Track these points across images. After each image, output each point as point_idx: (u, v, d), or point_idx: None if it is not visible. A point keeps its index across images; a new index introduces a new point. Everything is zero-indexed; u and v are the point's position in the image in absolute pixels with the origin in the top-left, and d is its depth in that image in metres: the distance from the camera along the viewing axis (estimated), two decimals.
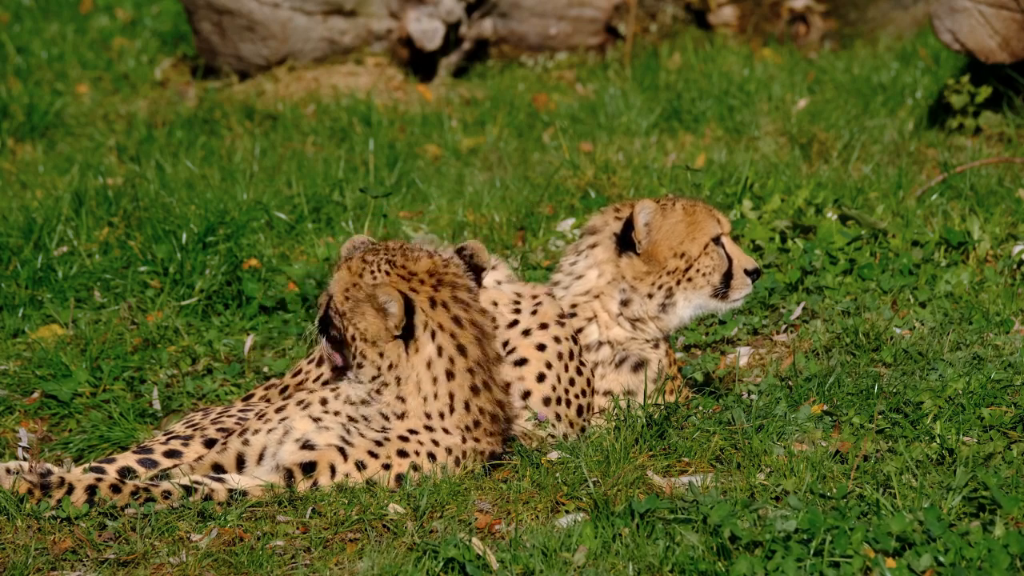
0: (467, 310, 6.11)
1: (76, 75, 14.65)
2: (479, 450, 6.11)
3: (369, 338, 6.07)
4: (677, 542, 5.31)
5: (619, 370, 6.59)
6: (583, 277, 6.66)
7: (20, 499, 5.83)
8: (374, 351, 6.08)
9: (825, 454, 5.96)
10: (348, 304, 6.11)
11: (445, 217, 9.61)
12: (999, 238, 8.61)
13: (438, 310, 6.05)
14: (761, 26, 14.84)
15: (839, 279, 8.40)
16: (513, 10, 14.64)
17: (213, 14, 13.93)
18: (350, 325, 6.10)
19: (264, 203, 9.66)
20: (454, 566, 5.29)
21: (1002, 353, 7.03)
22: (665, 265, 6.58)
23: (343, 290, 6.13)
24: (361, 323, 6.08)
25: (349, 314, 6.10)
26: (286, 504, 5.86)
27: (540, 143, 12.31)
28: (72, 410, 7.76)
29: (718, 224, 6.66)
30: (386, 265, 6.11)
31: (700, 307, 6.65)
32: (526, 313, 6.49)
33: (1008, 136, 11.35)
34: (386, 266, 6.11)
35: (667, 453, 6.11)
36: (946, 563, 5.11)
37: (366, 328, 6.07)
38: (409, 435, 6.03)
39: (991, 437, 6.09)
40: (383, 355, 6.06)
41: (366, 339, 6.07)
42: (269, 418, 6.10)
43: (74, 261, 8.95)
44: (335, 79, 14.01)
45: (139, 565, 5.53)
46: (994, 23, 11.12)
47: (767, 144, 11.64)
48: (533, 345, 6.43)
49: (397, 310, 6.00)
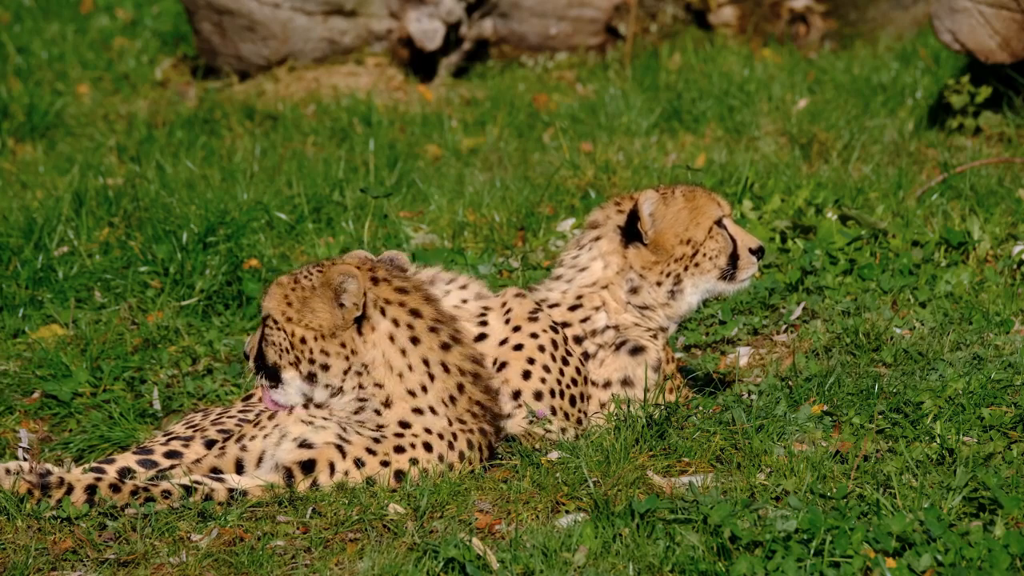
0: (406, 281, 6.13)
1: (76, 75, 14.66)
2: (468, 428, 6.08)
3: (326, 332, 6.00)
4: (677, 542, 5.31)
5: (618, 353, 6.62)
6: (587, 269, 6.70)
7: (20, 499, 5.83)
8: (334, 344, 6.01)
9: (825, 454, 5.96)
10: (293, 309, 6.00)
11: (445, 217, 9.61)
12: (999, 238, 8.61)
13: (381, 286, 6.05)
14: (761, 26, 14.85)
15: (839, 279, 8.40)
16: (513, 10, 14.64)
17: (213, 14, 13.94)
18: (299, 328, 6.00)
19: (264, 203, 9.67)
20: (454, 566, 5.29)
21: (1002, 353, 7.03)
22: (672, 252, 6.64)
23: (282, 298, 6.03)
24: (314, 320, 6.00)
25: (296, 317, 6.00)
26: (286, 504, 5.86)
27: (540, 143, 12.32)
28: (72, 410, 7.77)
29: (719, 207, 6.71)
30: (315, 268, 6.09)
31: (708, 291, 6.70)
32: (498, 323, 6.51)
33: (1008, 136, 11.35)
34: (315, 269, 6.08)
35: (667, 453, 6.11)
36: (946, 563, 5.11)
37: (320, 324, 5.99)
38: (403, 430, 6.01)
39: (991, 437, 6.09)
40: (344, 344, 6.01)
41: (323, 335, 5.99)
42: (264, 424, 6.10)
43: (74, 261, 8.95)
44: (335, 79, 14.01)
45: (139, 565, 5.53)
46: (994, 23, 11.12)
47: (767, 144, 11.64)
48: (511, 348, 6.46)
49: (356, 286, 5.92)
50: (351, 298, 5.97)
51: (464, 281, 6.61)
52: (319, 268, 6.08)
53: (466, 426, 6.10)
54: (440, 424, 6.05)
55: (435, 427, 6.04)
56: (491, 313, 6.55)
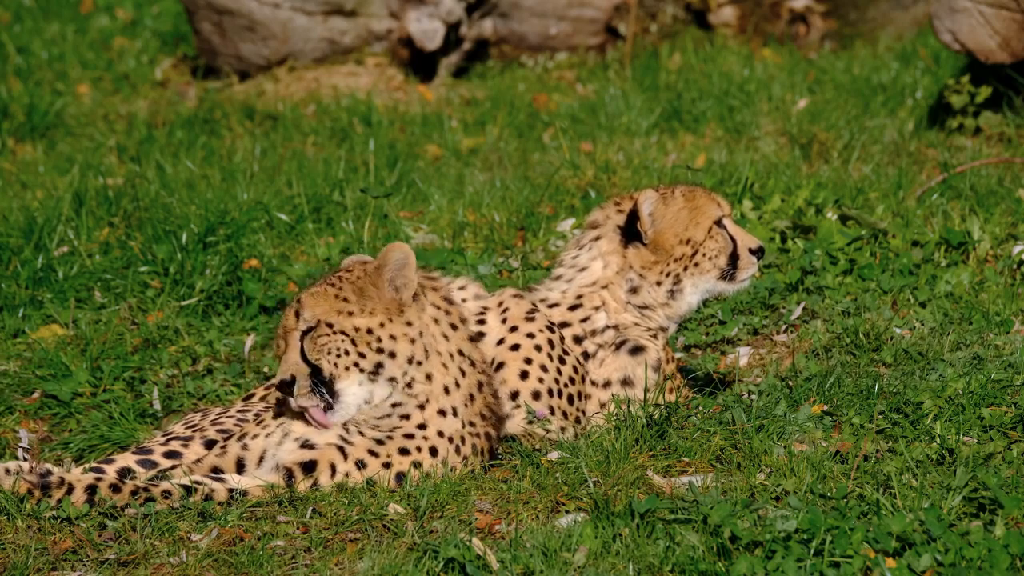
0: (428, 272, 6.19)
1: (76, 75, 14.66)
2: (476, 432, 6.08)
3: (393, 312, 5.93)
4: (677, 542, 5.31)
5: (618, 353, 6.62)
6: (587, 269, 6.71)
7: (20, 499, 5.83)
8: (401, 324, 5.93)
9: (825, 454, 5.96)
10: (351, 303, 5.92)
11: (445, 217, 9.61)
12: (999, 238, 8.61)
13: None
14: (761, 26, 14.84)
15: (839, 279, 8.40)
16: (513, 10, 14.64)
17: (213, 14, 13.94)
18: (362, 319, 5.90)
19: (264, 203, 9.66)
20: (454, 566, 5.29)
21: (1002, 353, 7.03)
22: (672, 253, 6.64)
23: (333, 299, 5.94)
24: (378, 304, 5.93)
25: (358, 309, 5.92)
26: (286, 504, 5.86)
27: (540, 143, 12.32)
28: (72, 410, 7.77)
29: (719, 207, 6.71)
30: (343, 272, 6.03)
31: (708, 291, 6.70)
32: (495, 324, 6.52)
33: (1008, 136, 11.35)
34: (344, 272, 6.03)
35: (667, 453, 6.11)
36: (946, 563, 5.11)
37: (386, 306, 5.92)
38: (415, 430, 6.00)
39: (991, 437, 6.09)
40: (411, 323, 5.96)
41: (390, 317, 5.92)
42: (267, 423, 6.09)
43: (74, 261, 8.95)
44: (335, 79, 14.01)
45: (139, 565, 5.53)
46: (994, 23, 11.12)
47: (767, 144, 11.64)
48: (507, 348, 6.46)
49: (411, 262, 5.89)
50: (407, 274, 5.93)
51: (463, 282, 6.62)
52: (347, 270, 6.02)
53: (475, 429, 6.10)
54: (454, 426, 6.04)
55: (448, 430, 6.04)
56: (488, 313, 6.55)
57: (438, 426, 6.01)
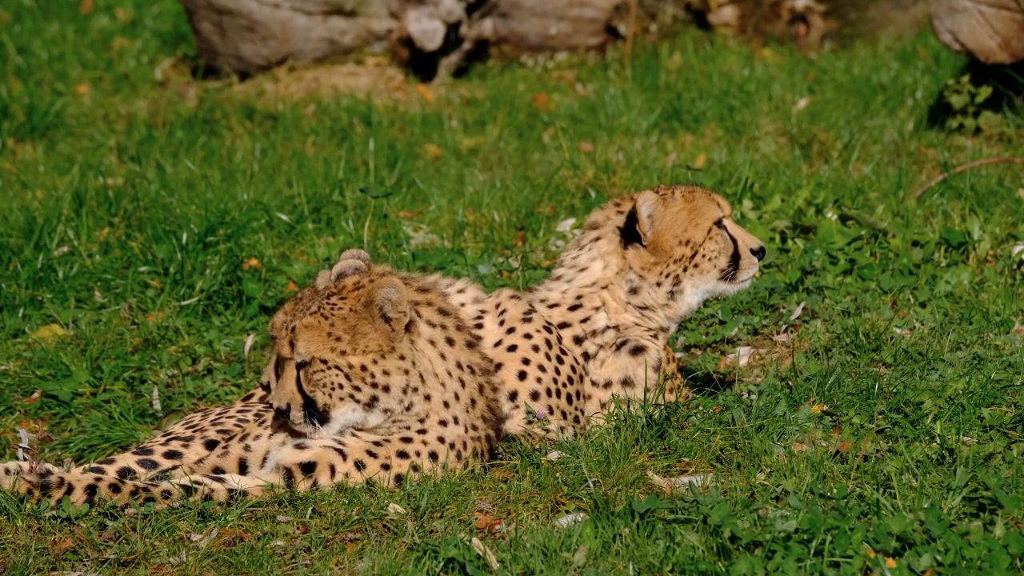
0: (422, 278, 6.14)
1: (76, 75, 14.66)
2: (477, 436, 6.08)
3: (386, 350, 5.92)
4: (677, 542, 5.31)
5: (618, 353, 6.62)
6: (587, 269, 6.71)
7: (20, 499, 5.83)
8: (394, 360, 5.93)
9: (825, 454, 5.96)
10: (343, 342, 5.86)
11: (445, 217, 9.61)
12: (999, 238, 8.61)
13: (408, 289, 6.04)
14: (761, 26, 14.84)
15: (839, 279, 8.40)
16: (513, 10, 14.64)
17: (213, 14, 13.94)
18: (356, 357, 5.88)
19: (264, 203, 9.66)
20: (454, 566, 5.29)
21: (1002, 353, 7.04)
22: (671, 254, 6.64)
23: (325, 336, 5.89)
24: (370, 343, 5.90)
25: (350, 348, 5.87)
26: (286, 504, 5.86)
27: (540, 143, 12.32)
28: (72, 410, 7.77)
29: (718, 208, 6.71)
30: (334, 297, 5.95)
31: (708, 292, 6.70)
32: (492, 325, 6.52)
33: (1008, 136, 11.35)
34: (335, 297, 5.95)
35: (667, 453, 6.11)
36: (946, 563, 5.11)
37: (378, 344, 5.90)
38: (415, 435, 6.00)
39: (991, 437, 6.09)
40: (403, 357, 5.95)
41: (382, 354, 5.91)
42: (269, 423, 6.09)
43: (74, 261, 8.95)
44: (335, 79, 14.01)
45: (139, 565, 5.53)
46: (994, 23, 11.12)
47: (767, 144, 11.64)
48: (505, 349, 6.46)
49: (400, 295, 5.85)
50: (398, 308, 5.89)
51: (462, 285, 6.62)
52: (340, 295, 5.95)
53: (477, 432, 6.10)
54: (456, 433, 6.04)
55: (449, 436, 6.04)
56: (486, 315, 6.55)
57: (439, 433, 6.02)
